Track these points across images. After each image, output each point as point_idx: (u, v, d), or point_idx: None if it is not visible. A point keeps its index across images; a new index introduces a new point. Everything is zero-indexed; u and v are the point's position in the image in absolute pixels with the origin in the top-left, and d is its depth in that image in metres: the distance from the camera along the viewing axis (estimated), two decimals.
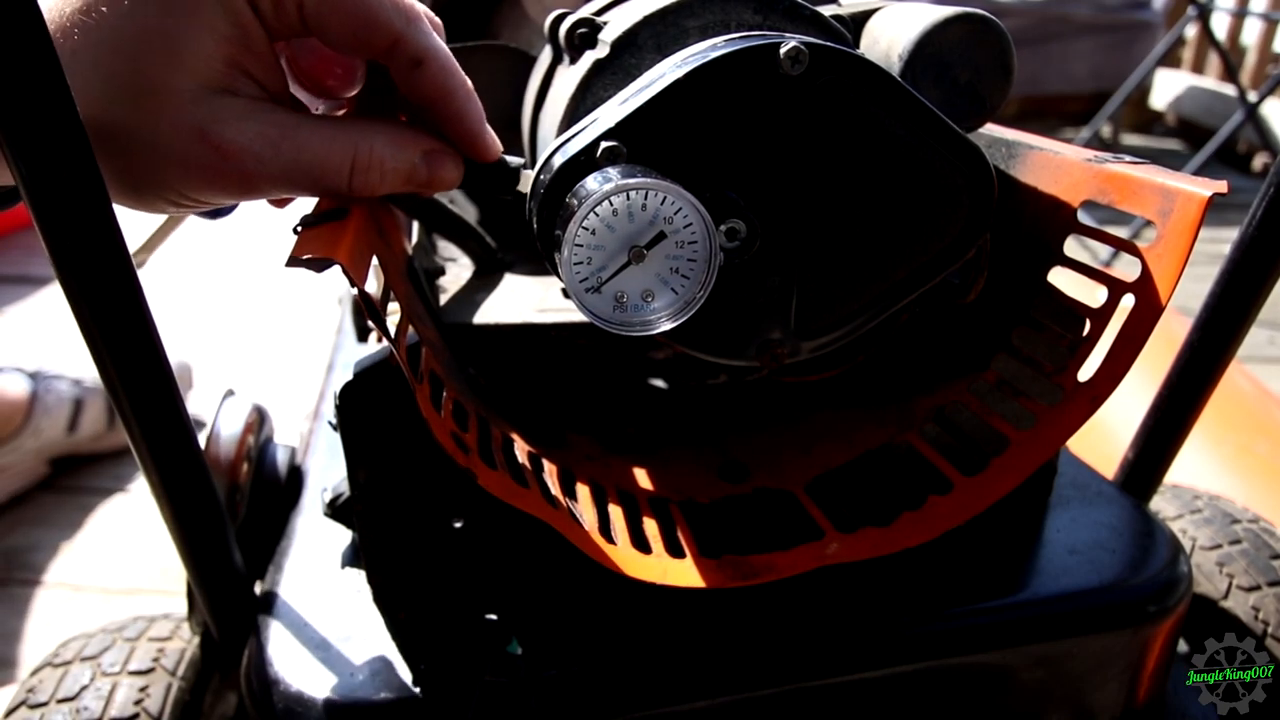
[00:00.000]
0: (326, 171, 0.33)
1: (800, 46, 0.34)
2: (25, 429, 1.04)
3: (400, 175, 0.34)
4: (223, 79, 0.31)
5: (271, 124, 0.32)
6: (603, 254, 0.31)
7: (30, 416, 1.04)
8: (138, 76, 0.30)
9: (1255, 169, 2.37)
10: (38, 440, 1.06)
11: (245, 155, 0.31)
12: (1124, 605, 0.43)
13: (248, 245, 1.80)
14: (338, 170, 0.33)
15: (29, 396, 1.05)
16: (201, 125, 0.31)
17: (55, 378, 1.09)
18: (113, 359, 0.34)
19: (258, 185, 0.32)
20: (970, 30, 0.40)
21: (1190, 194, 0.34)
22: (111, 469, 1.12)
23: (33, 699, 0.44)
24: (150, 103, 0.30)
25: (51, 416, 1.06)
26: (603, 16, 0.42)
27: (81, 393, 1.10)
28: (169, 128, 0.31)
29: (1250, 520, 0.57)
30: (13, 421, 1.03)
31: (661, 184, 0.31)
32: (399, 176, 0.34)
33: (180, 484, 0.38)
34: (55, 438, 1.07)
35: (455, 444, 0.35)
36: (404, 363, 0.33)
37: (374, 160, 0.33)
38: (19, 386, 1.05)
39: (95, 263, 0.32)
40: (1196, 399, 0.48)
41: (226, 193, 0.32)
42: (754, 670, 0.40)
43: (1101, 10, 2.66)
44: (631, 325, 0.33)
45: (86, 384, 1.11)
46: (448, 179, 0.35)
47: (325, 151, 0.32)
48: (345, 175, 0.33)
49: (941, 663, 0.42)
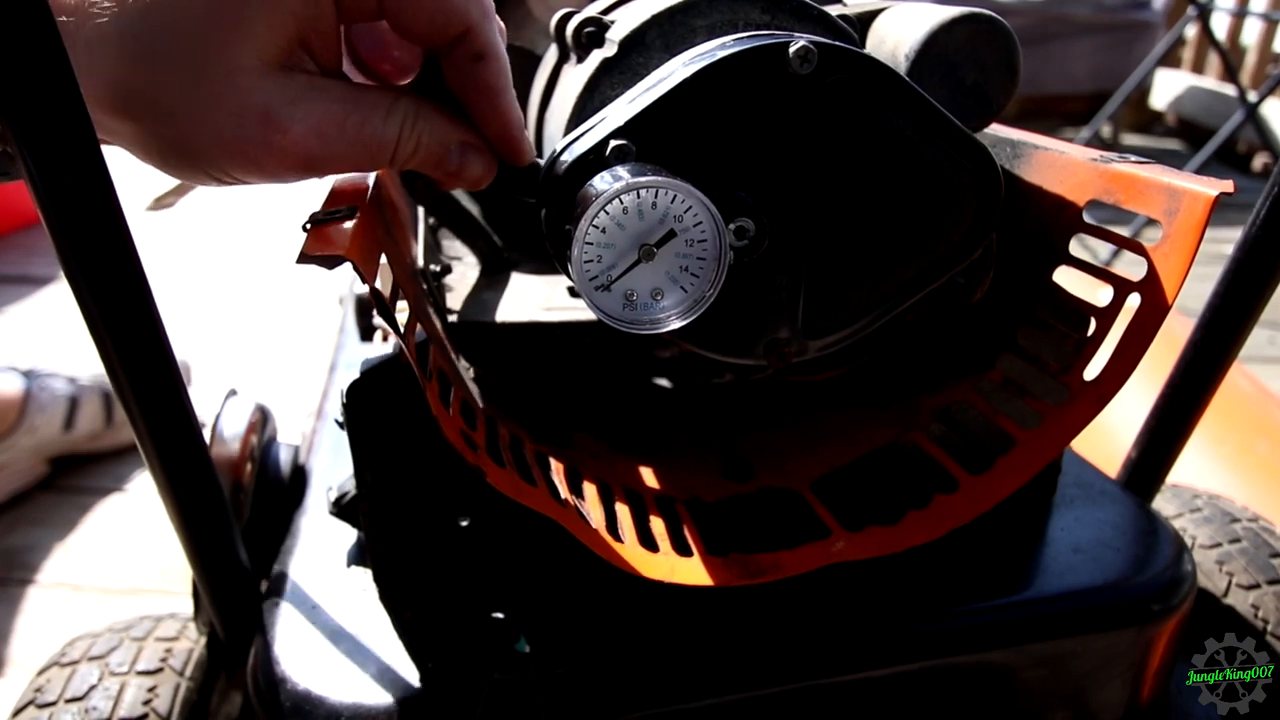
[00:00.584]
0: (377, 150, 0.33)
1: (809, 46, 0.34)
2: (20, 427, 1.04)
3: (433, 157, 0.34)
4: (287, 56, 0.31)
5: (335, 101, 0.32)
6: (613, 252, 0.31)
7: (24, 414, 1.04)
8: (203, 47, 0.30)
9: (1255, 169, 2.38)
10: (33, 438, 1.05)
11: (310, 137, 0.31)
12: (1128, 604, 0.44)
13: (247, 246, 1.79)
14: (385, 148, 0.33)
15: (23, 394, 1.05)
16: (268, 107, 0.30)
17: (50, 376, 1.09)
18: (120, 358, 0.34)
19: (314, 167, 0.32)
20: (977, 30, 0.40)
21: (1197, 193, 0.34)
22: (111, 468, 1.12)
23: (41, 698, 0.44)
24: (214, 80, 0.30)
25: (46, 415, 1.06)
26: (609, 15, 0.42)
27: (77, 391, 1.10)
28: (233, 108, 0.30)
29: (1250, 519, 0.57)
30: (6, 419, 1.03)
31: (671, 182, 0.31)
32: (431, 157, 0.34)
33: (186, 483, 0.38)
34: (51, 436, 1.07)
35: (464, 442, 0.35)
36: (413, 361, 0.33)
37: (415, 134, 0.33)
38: (13, 385, 1.05)
39: (103, 262, 0.32)
40: (1199, 399, 0.48)
41: (282, 175, 0.32)
42: (761, 668, 0.40)
43: (1101, 10, 2.66)
44: (641, 323, 0.33)
45: (82, 382, 1.11)
46: (473, 174, 0.35)
47: (380, 128, 0.32)
48: (389, 154, 0.33)
49: (946, 661, 0.42)
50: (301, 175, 0.32)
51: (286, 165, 0.31)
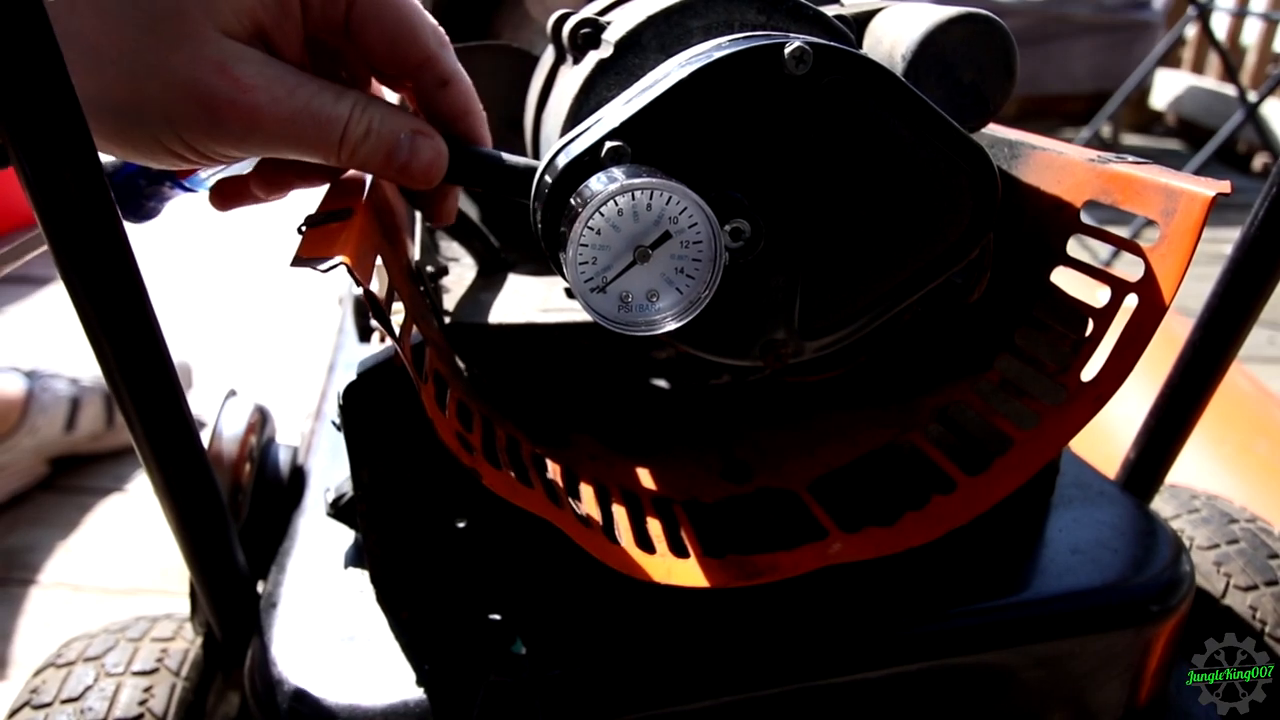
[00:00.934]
0: (326, 124, 0.33)
1: (805, 46, 0.34)
2: (21, 427, 1.04)
3: (384, 144, 0.35)
4: (247, 38, 0.32)
5: (287, 72, 0.33)
6: (608, 254, 0.31)
7: (26, 415, 1.04)
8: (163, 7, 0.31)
9: (1255, 169, 2.37)
10: (35, 439, 1.05)
11: (260, 92, 0.32)
12: (1127, 605, 0.43)
13: (247, 246, 1.79)
14: (334, 125, 0.33)
15: (25, 395, 1.05)
16: (223, 58, 0.31)
17: (52, 377, 1.09)
18: (117, 359, 0.34)
19: (263, 128, 0.32)
20: (973, 30, 0.40)
21: (1194, 194, 0.34)
22: (111, 469, 1.12)
23: (36, 699, 0.44)
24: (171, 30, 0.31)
25: (48, 415, 1.06)
26: (606, 16, 0.42)
27: (79, 392, 1.10)
28: (189, 55, 0.31)
29: (1248, 520, 0.57)
30: (8, 420, 1.03)
31: (666, 184, 0.31)
32: (383, 145, 0.34)
33: (184, 484, 0.38)
34: (52, 437, 1.07)
35: (460, 444, 0.35)
36: (409, 363, 0.33)
37: (365, 121, 0.34)
38: (15, 385, 1.05)
39: (100, 262, 0.32)
40: (1198, 399, 0.48)
41: (232, 133, 0.32)
42: (757, 670, 0.40)
43: (1101, 10, 2.66)
44: (636, 325, 0.33)
45: (84, 383, 1.11)
46: (423, 161, 0.35)
47: (331, 105, 0.33)
48: (339, 132, 0.33)
49: (944, 663, 0.42)
50: (247, 143, 0.33)
51: (236, 121, 0.32)
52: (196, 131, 0.32)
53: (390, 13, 0.35)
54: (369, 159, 0.34)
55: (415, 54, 0.35)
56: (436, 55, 0.36)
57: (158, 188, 0.45)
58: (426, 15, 0.36)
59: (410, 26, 0.35)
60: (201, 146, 0.33)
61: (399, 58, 0.35)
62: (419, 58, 0.36)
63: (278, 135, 0.33)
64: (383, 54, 0.35)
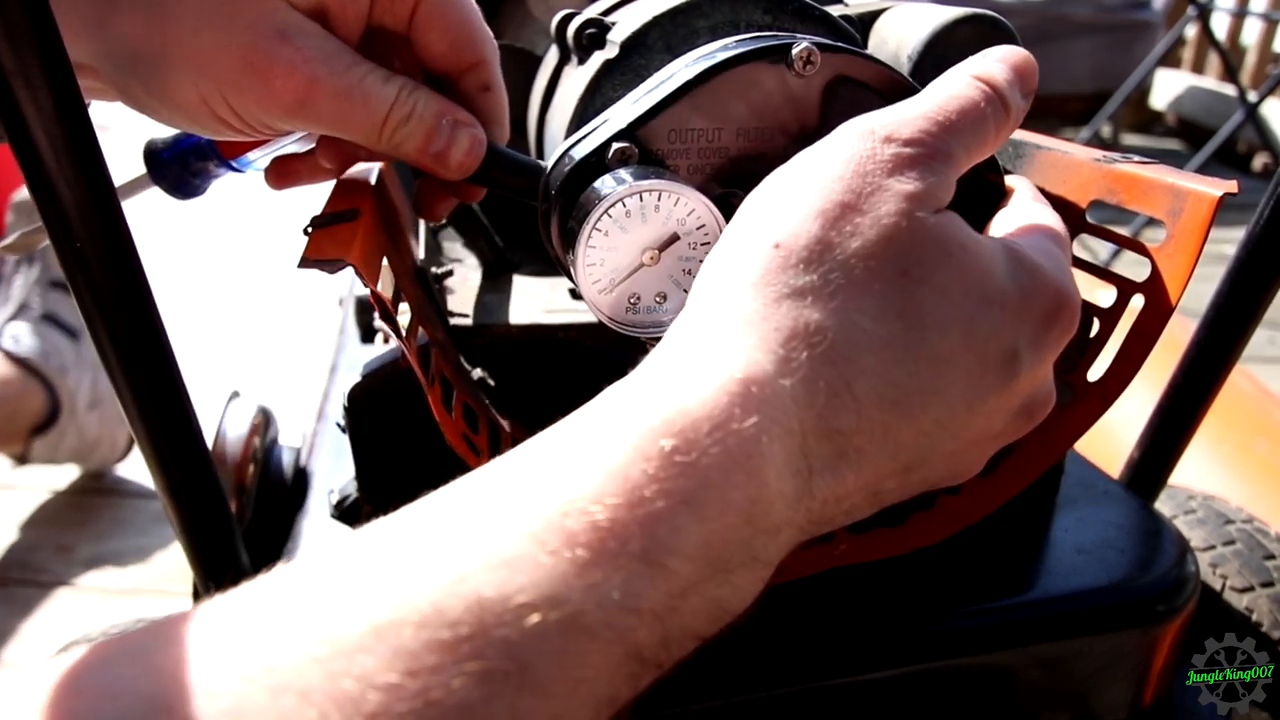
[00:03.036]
0: (374, 102, 0.34)
1: (811, 47, 0.34)
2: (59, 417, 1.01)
3: (424, 130, 0.35)
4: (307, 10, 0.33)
5: (343, 49, 0.33)
6: (616, 255, 0.31)
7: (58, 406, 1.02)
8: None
9: (1255, 169, 2.38)
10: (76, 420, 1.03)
11: (317, 65, 0.32)
12: (1133, 605, 0.43)
13: (247, 246, 1.79)
14: (381, 104, 0.34)
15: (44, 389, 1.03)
16: (285, 26, 0.32)
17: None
18: (120, 360, 0.34)
19: (314, 100, 0.33)
20: (979, 31, 0.40)
21: (1201, 194, 0.34)
22: (111, 469, 1.12)
23: None
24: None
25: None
26: (610, 17, 0.42)
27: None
28: (248, 23, 0.31)
29: (1244, 521, 0.57)
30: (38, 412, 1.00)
31: (674, 185, 0.31)
32: (423, 129, 0.35)
33: (188, 485, 0.38)
34: None
35: (466, 445, 0.35)
36: (416, 364, 0.33)
37: (410, 104, 0.34)
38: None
39: (103, 264, 0.32)
40: (1202, 399, 0.48)
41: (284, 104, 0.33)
42: (764, 671, 0.40)
43: (1101, 10, 2.66)
44: (644, 327, 0.33)
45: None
46: (460, 150, 0.36)
47: (380, 85, 0.34)
48: (384, 112, 0.34)
49: (950, 663, 0.42)
50: (296, 114, 0.33)
51: (290, 90, 0.32)
52: (249, 101, 0.32)
53: (455, 14, 0.35)
54: (407, 142, 0.35)
55: (470, 56, 0.36)
56: (488, 61, 0.37)
57: (204, 164, 0.45)
58: (484, 21, 0.37)
59: (471, 29, 0.36)
60: (247, 114, 0.33)
61: (455, 58, 0.36)
62: (472, 60, 0.36)
63: (326, 110, 0.33)
64: (440, 52, 0.36)
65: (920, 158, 0.28)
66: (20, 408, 0.99)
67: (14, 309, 1.04)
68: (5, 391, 0.99)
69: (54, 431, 1.01)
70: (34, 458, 1.02)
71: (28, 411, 1.00)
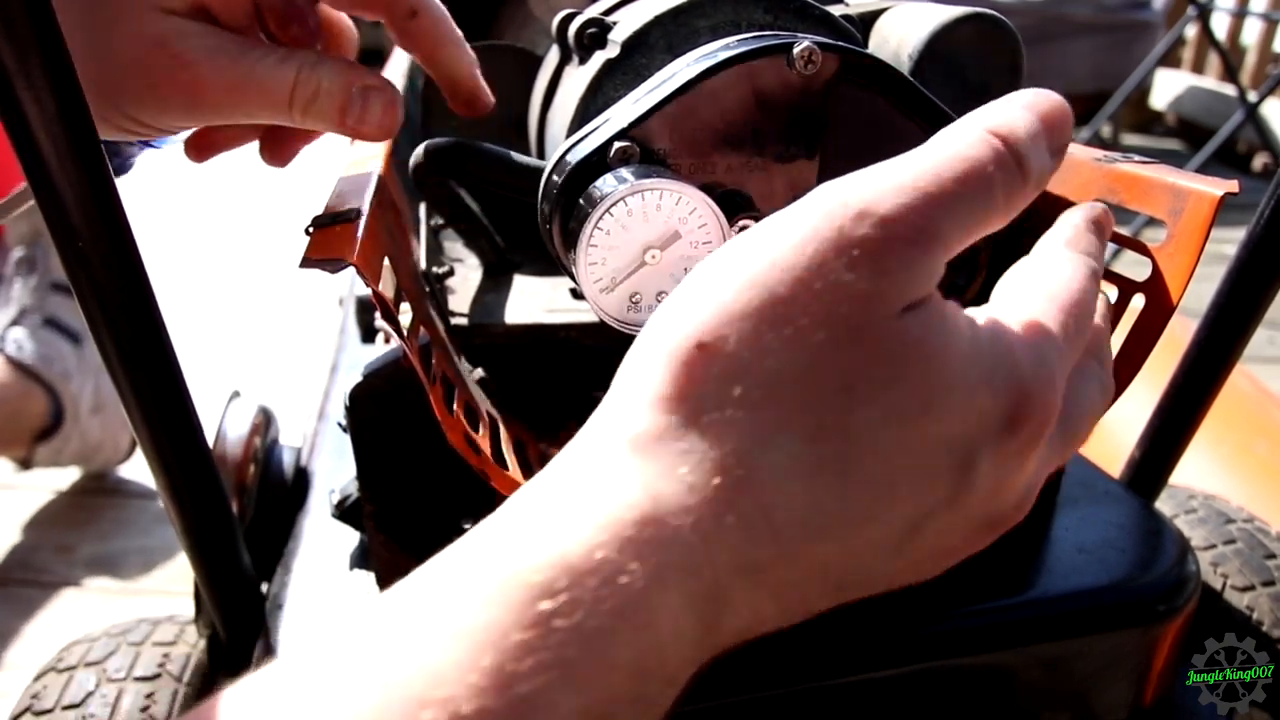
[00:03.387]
0: (272, 88, 0.33)
1: (813, 46, 0.34)
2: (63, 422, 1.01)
3: (334, 103, 0.35)
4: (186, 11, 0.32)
5: (229, 41, 0.33)
6: (617, 255, 0.31)
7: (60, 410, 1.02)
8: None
9: (1255, 169, 2.38)
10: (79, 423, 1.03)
11: (201, 65, 0.32)
12: (1134, 604, 0.43)
13: (247, 246, 1.79)
14: (280, 88, 0.33)
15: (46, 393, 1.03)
16: (164, 35, 0.31)
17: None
18: (122, 360, 0.34)
19: (209, 97, 0.32)
20: (980, 30, 0.40)
21: (1202, 193, 0.34)
22: (112, 469, 1.12)
23: (38, 705, 0.44)
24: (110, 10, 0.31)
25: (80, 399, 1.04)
26: (612, 16, 0.42)
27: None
28: (126, 34, 0.31)
29: (1245, 520, 0.57)
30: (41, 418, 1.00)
31: (676, 184, 0.31)
32: (334, 103, 0.35)
33: (189, 485, 0.38)
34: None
35: (468, 445, 0.35)
36: (418, 364, 0.33)
37: (313, 81, 0.34)
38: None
39: (106, 264, 0.32)
40: (1203, 399, 0.48)
41: (177, 106, 0.33)
42: (763, 670, 0.40)
43: (1101, 10, 2.66)
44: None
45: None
46: (375, 116, 0.35)
47: (275, 69, 0.33)
48: (286, 94, 0.34)
49: (950, 663, 0.42)
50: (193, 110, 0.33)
51: (180, 95, 0.32)
52: (143, 109, 0.32)
53: None
54: (321, 116, 0.35)
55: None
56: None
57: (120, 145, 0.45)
58: None
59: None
60: (149, 120, 0.33)
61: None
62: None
63: (224, 104, 0.33)
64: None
65: (896, 243, 0.22)
66: (23, 414, 0.99)
67: (15, 313, 1.04)
68: (8, 398, 0.99)
69: (58, 437, 1.00)
70: (37, 462, 1.02)
71: (31, 417, 0.99)
